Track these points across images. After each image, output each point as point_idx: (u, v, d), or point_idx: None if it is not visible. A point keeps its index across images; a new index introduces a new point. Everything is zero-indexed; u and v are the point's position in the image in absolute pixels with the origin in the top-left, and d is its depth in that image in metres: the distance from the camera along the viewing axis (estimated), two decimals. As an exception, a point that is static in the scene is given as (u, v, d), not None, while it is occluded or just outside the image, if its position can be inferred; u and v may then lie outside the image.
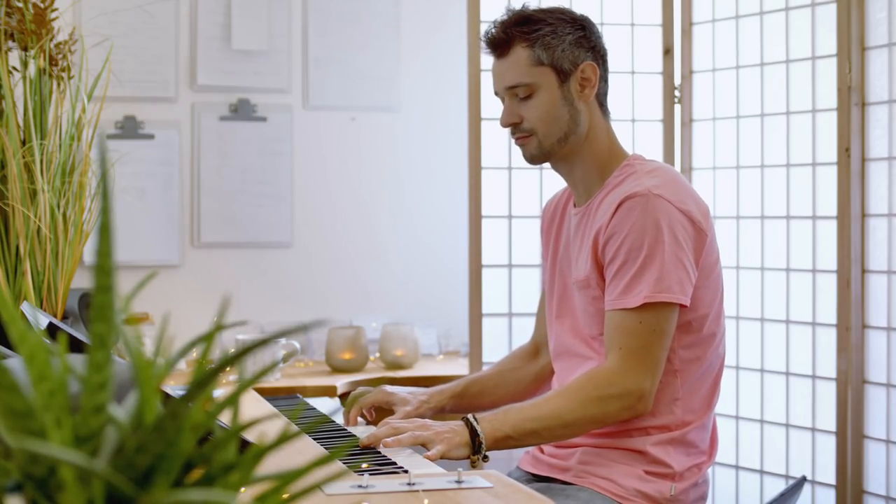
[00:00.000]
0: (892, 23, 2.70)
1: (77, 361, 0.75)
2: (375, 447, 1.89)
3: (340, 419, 2.23)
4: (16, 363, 0.78)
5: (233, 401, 0.77)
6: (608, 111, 2.19)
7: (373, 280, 3.73)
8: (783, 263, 2.94)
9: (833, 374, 2.80)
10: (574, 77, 2.11)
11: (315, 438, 1.99)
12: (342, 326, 3.31)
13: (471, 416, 1.92)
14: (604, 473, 2.05)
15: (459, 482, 1.62)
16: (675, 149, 3.17)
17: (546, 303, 2.25)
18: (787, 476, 2.90)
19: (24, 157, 2.68)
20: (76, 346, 1.59)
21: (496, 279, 3.18)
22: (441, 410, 2.24)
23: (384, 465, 1.77)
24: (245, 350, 0.73)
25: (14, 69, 2.78)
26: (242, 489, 0.77)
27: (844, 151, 2.77)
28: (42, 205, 2.67)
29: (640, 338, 1.95)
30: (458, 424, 1.91)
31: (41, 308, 2.66)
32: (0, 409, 0.71)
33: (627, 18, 3.19)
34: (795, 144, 2.92)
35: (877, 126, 2.74)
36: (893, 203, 2.71)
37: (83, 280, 3.20)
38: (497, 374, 2.35)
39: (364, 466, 1.73)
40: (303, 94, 3.67)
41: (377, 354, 3.40)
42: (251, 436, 1.60)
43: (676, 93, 3.17)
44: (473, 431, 1.90)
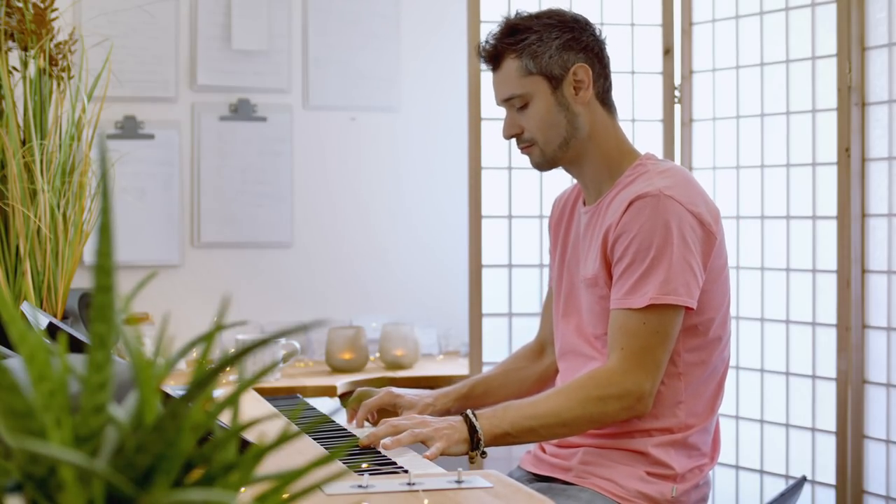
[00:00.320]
0: (892, 23, 2.70)
1: (77, 361, 0.75)
2: (375, 447, 1.89)
3: (340, 419, 2.23)
4: (16, 363, 0.78)
5: (233, 401, 0.77)
6: (613, 108, 2.16)
7: (373, 280, 3.73)
8: (783, 263, 2.94)
9: (833, 374, 2.80)
10: (567, 81, 2.09)
11: (315, 438, 1.99)
12: (342, 326, 3.31)
13: (470, 413, 1.92)
14: (605, 474, 2.05)
15: (459, 482, 1.62)
16: (675, 149, 3.17)
17: (554, 302, 2.24)
18: (787, 476, 2.90)
19: (24, 157, 2.68)
20: (76, 346, 1.59)
21: (496, 279, 3.18)
22: (447, 413, 2.22)
23: (384, 465, 1.77)
24: (245, 350, 0.73)
25: (14, 69, 2.78)
26: (242, 489, 0.77)
27: (844, 151, 2.77)
28: (42, 205, 2.67)
29: (643, 339, 1.95)
30: (457, 420, 1.91)
31: (41, 308, 2.66)
32: (0, 409, 0.71)
33: (627, 18, 3.19)
34: (795, 144, 2.92)
35: (877, 126, 2.74)
36: (893, 203, 2.71)
37: (83, 280, 3.20)
38: (502, 375, 2.34)
39: (364, 466, 1.73)
40: (303, 94, 3.67)
41: (377, 354, 3.40)
42: (251, 436, 1.60)
43: (676, 93, 3.17)
44: (472, 428, 1.90)
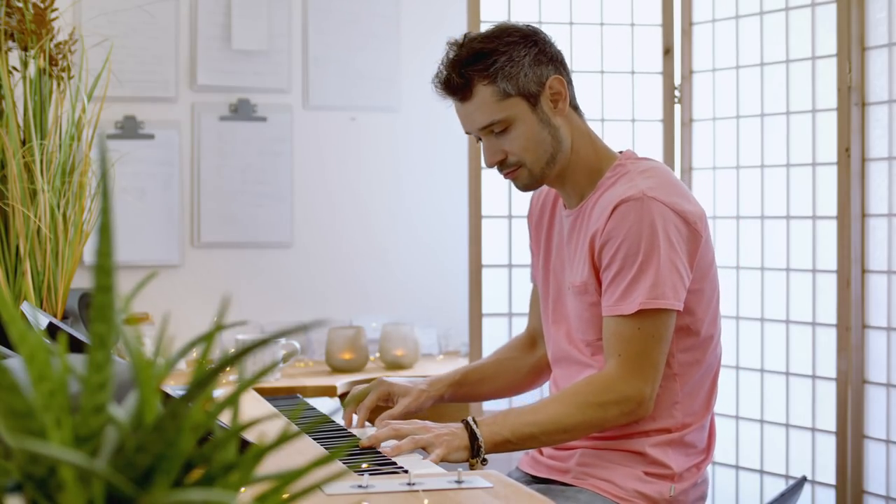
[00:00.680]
0: (892, 23, 2.70)
1: (77, 361, 0.75)
2: (376, 447, 1.89)
3: (340, 419, 2.23)
4: (16, 363, 0.78)
5: (233, 401, 0.77)
6: (581, 112, 2.12)
7: (373, 280, 3.73)
8: (783, 263, 2.94)
9: (833, 374, 2.80)
10: (544, 96, 2.04)
11: (315, 438, 1.99)
12: (342, 326, 3.31)
13: (470, 420, 1.92)
14: (603, 475, 2.05)
15: (459, 482, 1.62)
16: (675, 149, 3.17)
17: (541, 305, 2.24)
18: (787, 476, 2.90)
19: (24, 157, 2.68)
20: (76, 346, 1.59)
21: (496, 279, 3.18)
22: (440, 399, 2.23)
23: (384, 465, 1.77)
24: (245, 350, 0.73)
25: (14, 69, 2.78)
26: (242, 489, 0.77)
27: (844, 151, 2.77)
28: (42, 205, 2.67)
29: (639, 343, 1.95)
30: (458, 427, 1.91)
31: (41, 308, 2.66)
32: (0, 409, 0.71)
33: (627, 18, 3.19)
34: (795, 144, 2.92)
35: (877, 126, 2.74)
36: (893, 203, 2.71)
37: (83, 280, 3.20)
38: (495, 363, 2.34)
39: (364, 466, 1.73)
40: (303, 94, 3.67)
41: (377, 354, 3.40)
42: (251, 436, 1.60)
43: (676, 93, 3.17)
44: (473, 435, 1.90)
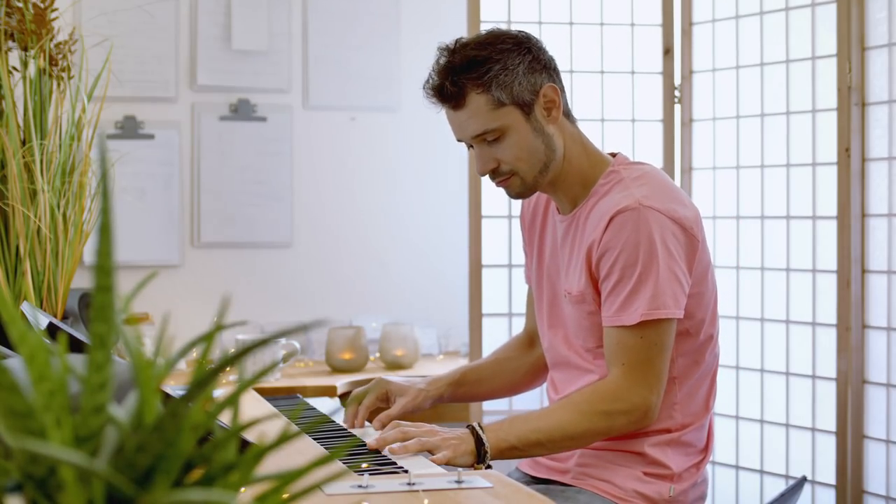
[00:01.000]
0: (892, 23, 2.70)
1: (77, 361, 0.75)
2: (382, 450, 1.88)
3: (340, 419, 2.23)
4: (16, 363, 0.78)
5: (233, 401, 0.77)
6: (573, 117, 2.11)
7: (373, 280, 3.73)
8: (783, 263, 2.94)
9: (833, 374, 2.80)
10: (538, 104, 2.02)
11: (315, 438, 1.99)
12: (342, 326, 3.31)
13: (476, 425, 1.92)
14: (602, 475, 2.05)
15: (459, 482, 1.62)
16: (675, 149, 3.16)
17: (536, 307, 2.24)
18: (787, 476, 2.90)
19: (24, 157, 2.68)
20: (76, 346, 1.59)
21: (496, 279, 3.17)
22: (440, 399, 2.23)
23: (384, 465, 1.77)
24: (245, 350, 0.73)
25: (14, 69, 2.78)
26: (242, 489, 0.77)
27: (844, 151, 2.77)
28: (42, 205, 2.67)
29: (642, 352, 1.95)
30: (464, 432, 1.91)
31: (41, 308, 2.66)
32: (0, 409, 0.71)
33: (627, 18, 3.19)
34: (795, 144, 2.92)
35: (877, 126, 2.74)
36: (893, 203, 2.71)
37: (83, 280, 3.20)
38: (494, 363, 2.34)
39: (364, 466, 1.73)
40: (303, 94, 3.67)
41: (377, 354, 3.40)
42: (251, 436, 1.60)
43: (676, 93, 3.17)
44: (479, 440, 1.90)
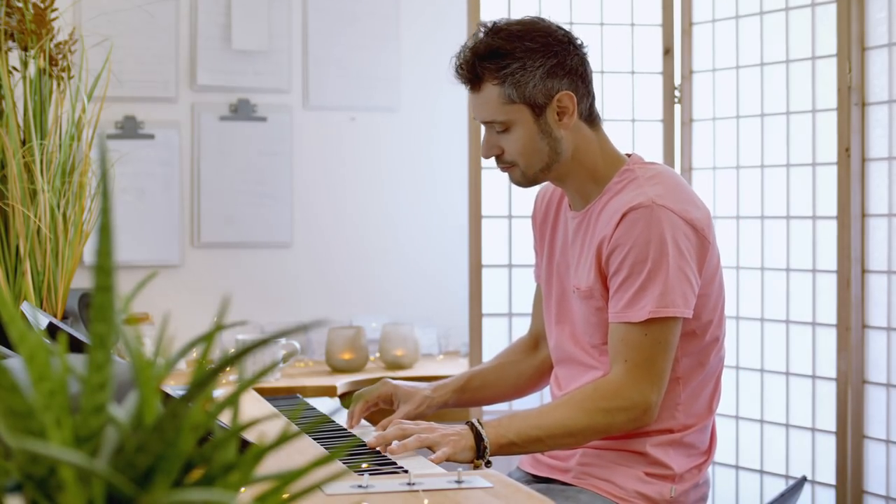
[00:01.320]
0: (892, 23, 2.70)
1: (77, 361, 0.75)
2: (382, 451, 1.88)
3: (340, 419, 2.23)
4: (16, 363, 0.78)
5: (233, 401, 0.77)
6: (597, 118, 2.10)
7: (373, 280, 3.73)
8: (783, 263, 2.94)
9: (833, 374, 2.80)
10: (550, 108, 2.02)
11: (315, 438, 1.99)
12: (342, 326, 3.31)
13: (475, 421, 1.92)
14: (604, 475, 2.05)
15: (459, 482, 1.62)
16: (675, 149, 3.16)
17: (544, 304, 2.23)
18: (787, 476, 2.90)
19: (24, 157, 2.68)
20: (76, 346, 1.59)
21: (496, 279, 3.17)
22: (444, 405, 2.23)
23: (384, 465, 1.77)
24: (245, 350, 0.73)
25: (14, 69, 2.78)
26: (242, 489, 0.77)
27: (844, 151, 2.77)
28: (42, 205, 2.67)
29: (646, 350, 1.95)
30: (464, 428, 1.91)
31: (41, 308, 2.66)
32: (0, 409, 0.71)
33: (627, 18, 3.19)
34: (795, 144, 2.92)
35: (877, 126, 2.74)
36: (893, 203, 2.71)
37: (83, 280, 3.20)
38: (498, 368, 2.34)
39: (364, 466, 1.73)
40: (303, 94, 3.67)
41: (377, 354, 3.40)
42: (251, 436, 1.60)
43: (676, 93, 3.17)
44: (478, 436, 1.90)
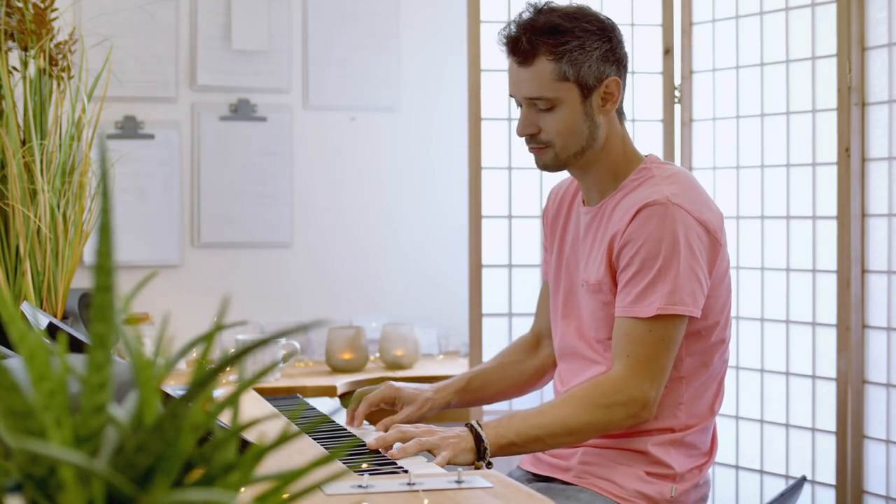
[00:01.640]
0: (892, 23, 2.70)
1: (77, 361, 0.75)
2: (383, 452, 1.88)
3: (340, 419, 2.22)
4: (16, 363, 0.78)
5: (233, 401, 0.77)
6: (625, 116, 2.14)
7: (373, 280, 3.73)
8: (783, 263, 2.94)
9: (833, 374, 2.80)
10: (597, 92, 2.05)
11: (315, 438, 1.99)
12: (342, 326, 3.31)
13: (475, 423, 1.92)
14: (604, 474, 2.05)
15: (459, 482, 1.62)
16: (675, 149, 3.16)
17: (551, 299, 2.23)
18: (787, 476, 2.90)
19: (24, 157, 2.68)
20: (76, 346, 1.59)
21: (496, 279, 3.17)
22: (447, 406, 2.23)
23: (384, 465, 1.77)
24: (245, 350, 0.73)
25: (14, 69, 2.78)
26: (242, 489, 0.77)
27: (844, 151, 2.77)
28: (42, 205, 2.67)
29: (649, 346, 1.95)
30: (463, 430, 1.91)
31: (41, 308, 2.66)
32: (0, 409, 0.71)
33: (627, 18, 3.19)
34: (795, 144, 2.92)
35: (877, 126, 2.74)
36: (893, 203, 2.71)
37: (83, 280, 3.20)
38: (499, 368, 2.34)
39: (364, 466, 1.73)
40: (303, 94, 3.67)
41: (377, 354, 3.40)
42: (251, 436, 1.60)
43: (676, 93, 3.17)
44: (478, 438, 1.90)
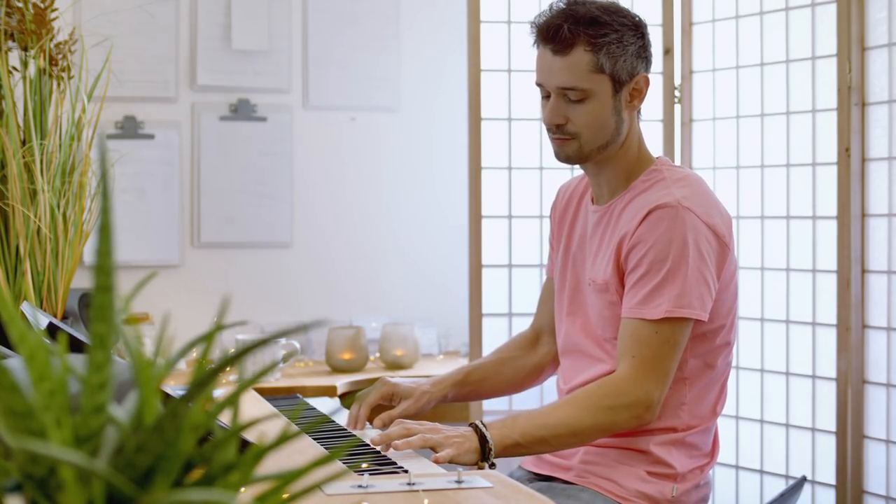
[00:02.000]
0: (892, 23, 2.70)
1: (77, 361, 0.75)
2: (384, 450, 1.88)
3: (340, 419, 2.22)
4: (16, 363, 0.78)
5: (233, 401, 0.77)
6: (640, 115, 2.15)
7: (373, 280, 3.73)
8: (783, 263, 2.94)
9: (833, 374, 2.80)
10: (627, 87, 2.06)
11: (315, 438, 1.99)
12: (342, 326, 3.31)
13: (479, 423, 1.91)
14: (606, 474, 2.04)
15: (459, 482, 1.62)
16: (675, 149, 3.16)
17: (556, 296, 2.23)
18: (787, 476, 2.90)
19: (24, 157, 2.68)
20: (76, 346, 1.59)
21: (496, 279, 3.17)
22: (444, 399, 2.22)
23: (384, 465, 1.77)
24: (245, 350, 0.73)
25: (14, 69, 2.78)
26: (242, 489, 0.77)
27: (844, 151, 2.77)
28: (42, 205, 2.67)
29: (654, 348, 1.95)
30: (468, 430, 1.90)
31: (41, 308, 2.66)
32: (0, 409, 0.71)
33: (627, 18, 3.18)
34: (795, 144, 2.92)
35: (877, 126, 2.74)
36: (893, 203, 2.71)
37: (83, 280, 3.20)
38: (497, 362, 2.33)
39: (364, 466, 1.73)
40: (303, 94, 3.67)
41: (377, 354, 3.40)
42: (251, 436, 1.60)
43: (676, 93, 3.17)
44: (483, 438, 1.89)
